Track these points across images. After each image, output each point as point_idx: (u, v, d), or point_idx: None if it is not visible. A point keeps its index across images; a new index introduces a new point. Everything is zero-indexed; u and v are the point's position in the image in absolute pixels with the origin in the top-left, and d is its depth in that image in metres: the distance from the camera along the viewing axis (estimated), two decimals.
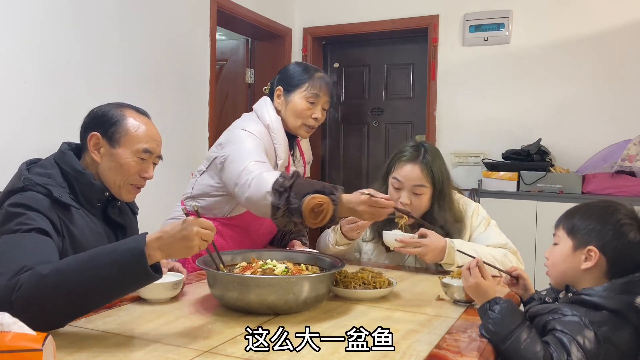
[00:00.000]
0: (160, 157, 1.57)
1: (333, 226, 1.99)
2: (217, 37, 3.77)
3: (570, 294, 1.32)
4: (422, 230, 1.84)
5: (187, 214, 1.26)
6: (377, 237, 1.99)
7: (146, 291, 1.44)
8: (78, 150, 1.54)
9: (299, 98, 1.94)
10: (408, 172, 1.91)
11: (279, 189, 1.60)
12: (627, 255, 1.29)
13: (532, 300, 1.49)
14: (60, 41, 2.61)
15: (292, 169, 1.97)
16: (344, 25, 4.38)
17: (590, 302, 1.24)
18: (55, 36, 2.58)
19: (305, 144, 2.18)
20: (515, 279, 1.55)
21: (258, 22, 4.05)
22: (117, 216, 1.57)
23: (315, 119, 1.96)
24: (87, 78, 2.73)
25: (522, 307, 1.51)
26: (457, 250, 1.76)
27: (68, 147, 1.52)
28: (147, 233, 1.22)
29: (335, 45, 4.71)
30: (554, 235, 1.41)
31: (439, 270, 1.88)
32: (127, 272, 1.17)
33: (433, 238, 1.80)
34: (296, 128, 1.97)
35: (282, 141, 1.93)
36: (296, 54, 4.52)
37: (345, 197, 1.60)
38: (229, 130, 1.95)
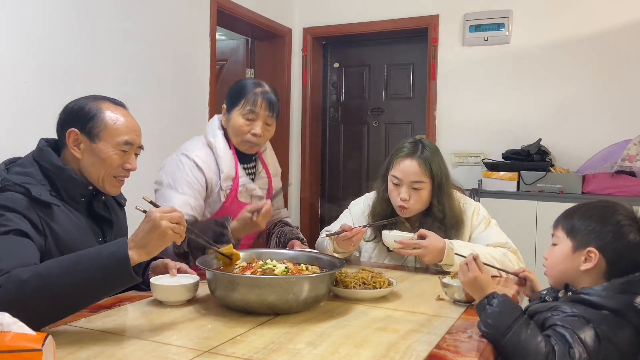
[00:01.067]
0: (141, 147, 1.55)
1: (329, 235, 1.98)
2: (217, 37, 3.77)
3: (569, 293, 1.32)
4: (422, 231, 1.83)
5: (143, 211, 1.26)
6: (378, 235, 1.99)
7: (167, 294, 1.43)
8: (56, 145, 1.52)
9: (236, 115, 1.96)
10: (406, 167, 1.91)
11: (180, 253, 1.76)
12: (627, 256, 1.29)
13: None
14: (60, 41, 2.60)
15: (240, 180, 1.97)
16: (344, 25, 4.37)
17: (590, 301, 1.24)
18: (55, 36, 2.58)
19: (269, 156, 2.18)
20: (523, 279, 1.55)
21: (258, 22, 4.05)
22: (103, 210, 1.55)
23: (254, 134, 1.95)
24: (87, 78, 2.73)
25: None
26: (456, 254, 1.76)
27: (46, 143, 1.50)
28: (126, 237, 1.23)
29: (335, 45, 4.70)
30: (552, 235, 1.40)
31: (439, 270, 1.88)
32: (112, 276, 1.18)
33: (432, 239, 1.80)
34: (237, 144, 1.99)
35: (223, 154, 1.96)
36: (296, 54, 4.52)
37: (232, 226, 1.80)
38: (174, 153, 2.00)
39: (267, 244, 2.17)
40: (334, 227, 2.09)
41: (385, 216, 2.00)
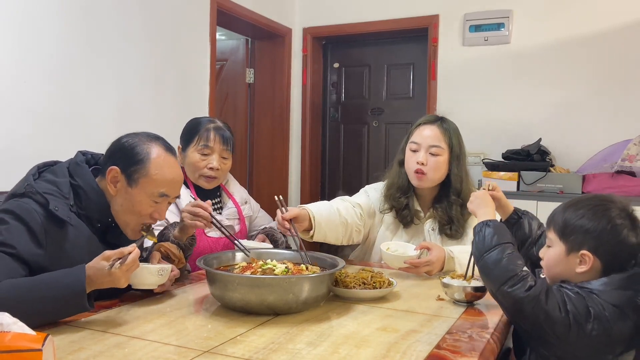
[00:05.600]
0: (178, 197, 1.56)
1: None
2: (217, 37, 3.76)
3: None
4: (424, 243, 1.83)
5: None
6: (395, 209, 2.01)
7: (133, 276, 1.42)
8: (93, 159, 1.53)
9: (192, 152, 2.03)
10: (426, 132, 1.96)
11: None
12: (621, 254, 1.28)
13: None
14: (60, 41, 2.60)
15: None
16: (344, 25, 4.37)
17: (592, 293, 1.25)
18: (55, 36, 2.58)
19: (233, 186, 2.21)
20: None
21: (258, 22, 4.05)
22: (116, 239, 1.52)
23: (211, 168, 2.01)
24: (87, 78, 2.73)
25: None
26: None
27: (84, 158, 1.50)
28: (84, 267, 1.25)
29: (335, 45, 4.70)
30: (546, 236, 1.40)
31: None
32: (65, 307, 1.23)
33: (436, 251, 1.79)
34: (196, 180, 2.05)
35: (181, 195, 1.96)
36: (296, 54, 4.52)
37: (174, 234, 1.70)
38: None
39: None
40: (353, 199, 2.06)
41: (402, 189, 2.00)
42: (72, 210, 1.41)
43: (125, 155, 1.46)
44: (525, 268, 1.28)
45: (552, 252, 1.35)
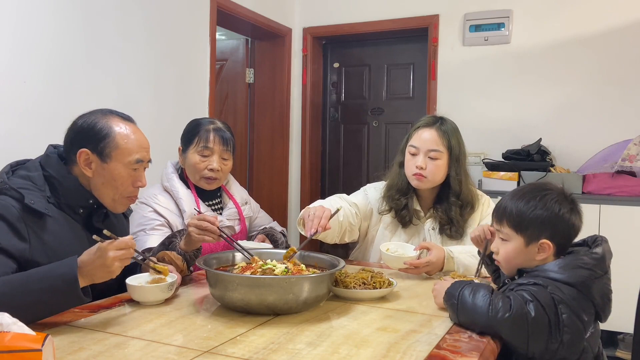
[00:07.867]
0: (150, 161, 1.56)
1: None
2: (217, 37, 3.77)
3: (524, 274, 1.37)
4: (424, 243, 1.83)
5: (101, 240, 1.26)
6: (394, 209, 2.00)
7: (141, 294, 1.43)
8: (65, 152, 1.52)
9: (192, 153, 2.03)
10: (424, 136, 1.94)
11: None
12: (570, 237, 1.38)
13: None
14: (60, 41, 2.60)
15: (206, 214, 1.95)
16: (344, 25, 4.37)
17: (548, 277, 1.30)
18: (55, 36, 2.58)
19: (234, 187, 2.21)
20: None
21: (258, 22, 4.05)
22: (102, 224, 1.54)
23: (212, 170, 2.01)
24: (87, 78, 2.73)
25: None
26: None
27: (55, 150, 1.50)
28: (77, 257, 1.23)
29: (335, 45, 4.70)
30: (497, 230, 1.43)
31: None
32: (60, 298, 1.21)
33: (436, 251, 1.79)
34: (196, 181, 2.05)
35: (182, 195, 2.00)
36: (296, 54, 4.52)
37: (180, 245, 1.68)
38: (139, 200, 1.95)
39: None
40: (350, 198, 2.06)
41: (401, 190, 1.99)
42: (50, 201, 1.41)
43: (89, 134, 1.46)
44: (485, 294, 1.29)
45: (510, 247, 1.40)
